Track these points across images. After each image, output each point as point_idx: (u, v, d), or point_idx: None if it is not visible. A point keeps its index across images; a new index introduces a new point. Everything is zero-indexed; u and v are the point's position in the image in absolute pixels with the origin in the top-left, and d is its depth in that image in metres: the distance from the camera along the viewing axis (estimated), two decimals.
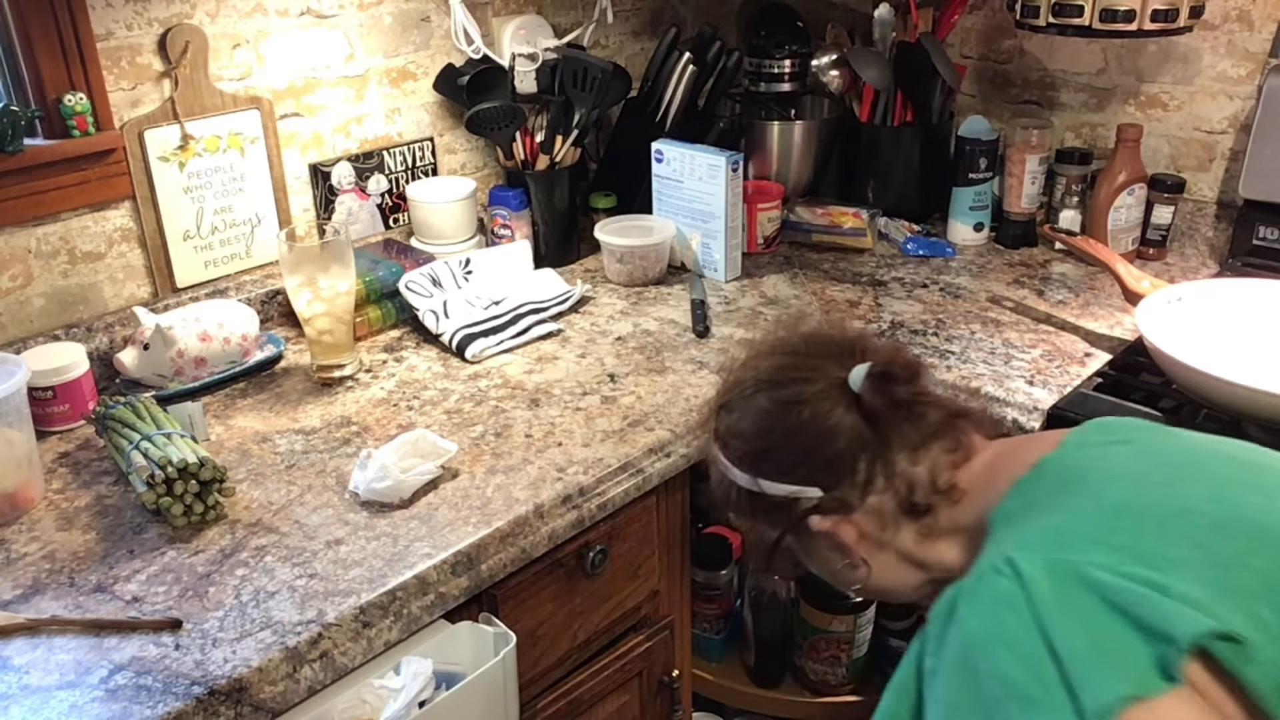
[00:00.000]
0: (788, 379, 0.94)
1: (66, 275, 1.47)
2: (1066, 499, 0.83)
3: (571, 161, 1.83)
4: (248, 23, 1.57)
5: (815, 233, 1.95)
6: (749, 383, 0.96)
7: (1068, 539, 0.78)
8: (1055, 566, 0.75)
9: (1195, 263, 1.84)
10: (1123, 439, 0.89)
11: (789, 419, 0.92)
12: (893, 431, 0.91)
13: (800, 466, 0.93)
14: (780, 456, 0.93)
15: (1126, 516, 0.79)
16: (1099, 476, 0.84)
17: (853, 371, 0.92)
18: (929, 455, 0.91)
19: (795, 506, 0.94)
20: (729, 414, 0.97)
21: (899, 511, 0.92)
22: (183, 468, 1.13)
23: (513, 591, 1.19)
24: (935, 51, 1.87)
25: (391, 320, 1.63)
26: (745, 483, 0.95)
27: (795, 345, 0.98)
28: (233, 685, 0.95)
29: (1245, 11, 1.76)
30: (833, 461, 0.91)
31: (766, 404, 0.94)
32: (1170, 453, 0.87)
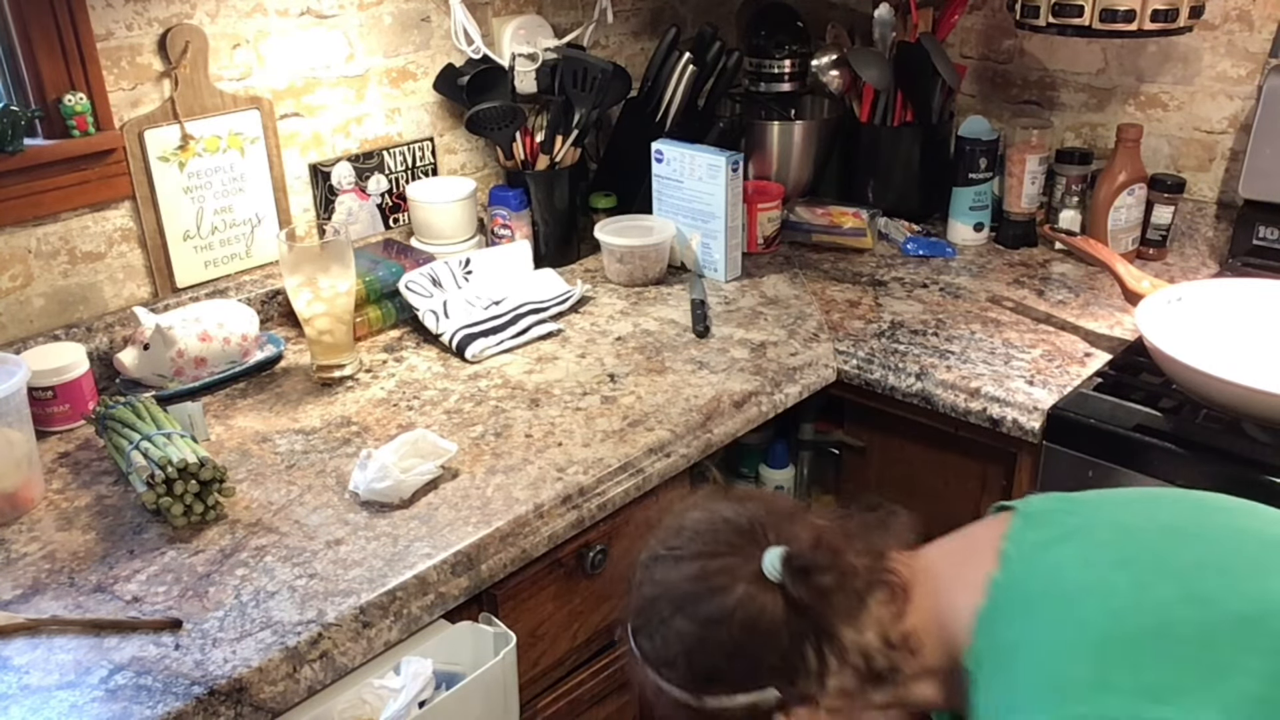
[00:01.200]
0: (701, 592, 0.85)
1: (66, 275, 1.47)
2: (1043, 633, 0.79)
3: (571, 161, 1.83)
4: (248, 23, 1.57)
5: (815, 233, 1.95)
6: (661, 603, 0.87)
7: (1068, 688, 0.75)
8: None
9: (1195, 263, 1.84)
10: (1059, 535, 0.85)
11: (719, 636, 0.84)
12: (828, 611, 0.84)
13: (747, 679, 0.85)
14: (724, 675, 0.85)
15: (1115, 646, 0.76)
16: (1063, 598, 0.80)
17: (765, 561, 0.84)
18: (871, 617, 0.85)
19: (756, 710, 0.86)
20: (649, 640, 0.88)
21: (863, 685, 0.86)
22: (183, 468, 1.13)
23: (513, 591, 1.19)
24: (935, 51, 1.87)
25: (391, 320, 1.63)
26: (694, 703, 0.87)
27: (694, 547, 0.88)
28: (233, 685, 0.95)
29: (1245, 11, 1.76)
30: (780, 664, 0.84)
31: (690, 627, 0.85)
32: (1114, 546, 0.84)
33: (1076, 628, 0.77)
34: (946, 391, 1.46)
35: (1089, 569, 0.81)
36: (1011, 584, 0.82)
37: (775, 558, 0.84)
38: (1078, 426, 1.36)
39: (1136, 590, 0.78)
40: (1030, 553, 0.84)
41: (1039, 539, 0.84)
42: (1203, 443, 1.30)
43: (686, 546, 0.88)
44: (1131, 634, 0.76)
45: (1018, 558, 0.83)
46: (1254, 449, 1.27)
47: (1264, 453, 1.26)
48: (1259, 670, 0.72)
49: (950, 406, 1.45)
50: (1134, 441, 1.32)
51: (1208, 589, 0.78)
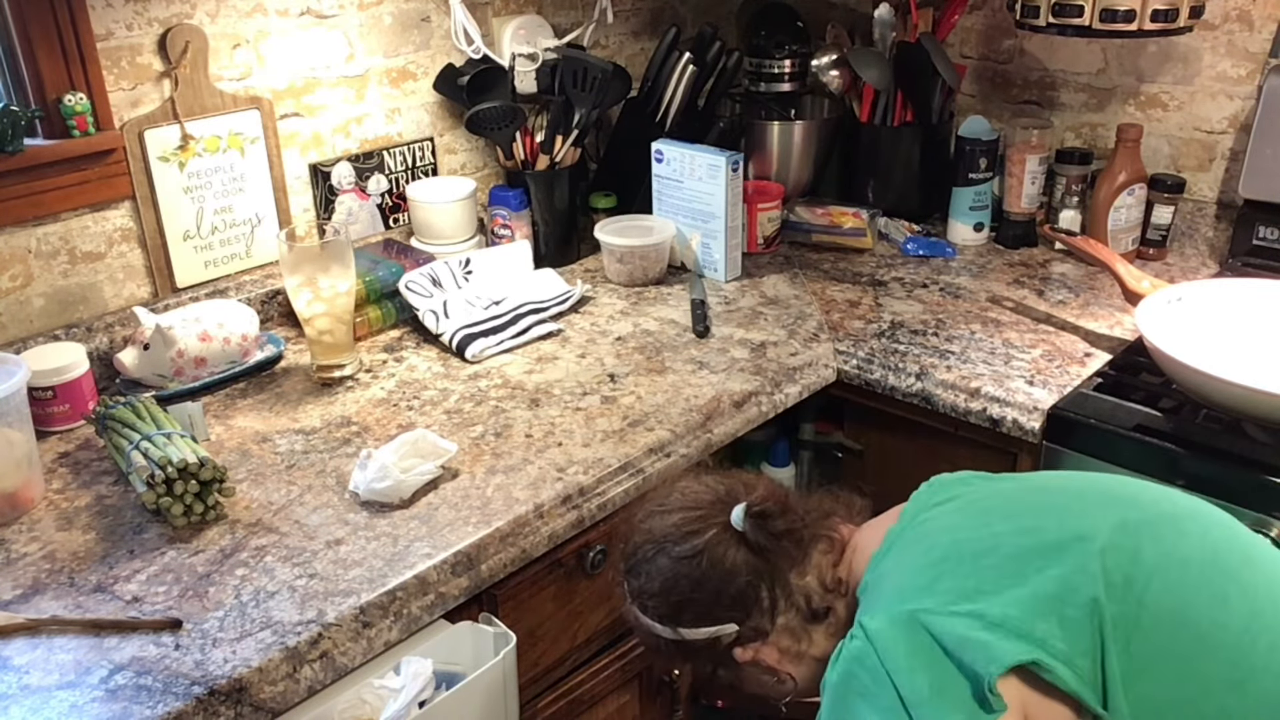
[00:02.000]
0: (680, 535, 1.02)
1: (66, 275, 1.47)
2: (904, 559, 0.95)
3: (571, 161, 1.83)
4: (248, 23, 1.57)
5: (815, 233, 1.95)
6: (647, 546, 1.04)
7: (904, 592, 0.91)
8: (894, 619, 0.87)
9: (1195, 263, 1.84)
10: (948, 497, 1.00)
11: (692, 571, 1.00)
12: (779, 556, 1.01)
13: (712, 609, 1.01)
14: (693, 606, 1.01)
15: (948, 563, 0.91)
16: (927, 535, 0.96)
17: (733, 513, 1.01)
18: (812, 563, 1.03)
19: (718, 644, 1.03)
20: (636, 578, 1.04)
21: (805, 622, 1.02)
22: (183, 468, 1.13)
23: (513, 591, 1.19)
24: (935, 51, 1.87)
25: (391, 320, 1.63)
26: (668, 635, 1.03)
27: (676, 502, 1.06)
28: (233, 685, 0.95)
29: (1245, 11, 1.76)
30: (738, 598, 1.00)
31: (668, 563, 1.01)
32: (986, 499, 1.00)
33: (924, 552, 0.94)
34: (946, 391, 1.46)
35: (954, 516, 0.98)
36: (899, 532, 0.98)
37: (740, 510, 1.01)
38: (1078, 426, 1.36)
39: (980, 526, 0.95)
40: (921, 509, 1.00)
41: (932, 500, 1.01)
42: (1203, 443, 1.30)
43: (672, 503, 1.06)
44: (963, 554, 0.92)
45: (911, 513, 1.00)
46: (1254, 449, 1.27)
47: (1264, 453, 1.26)
48: (1056, 577, 0.86)
49: (950, 406, 1.45)
50: (1134, 441, 1.32)
51: (1038, 524, 0.92)
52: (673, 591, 1.02)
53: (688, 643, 1.03)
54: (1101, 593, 0.84)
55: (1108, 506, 0.94)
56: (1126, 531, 0.90)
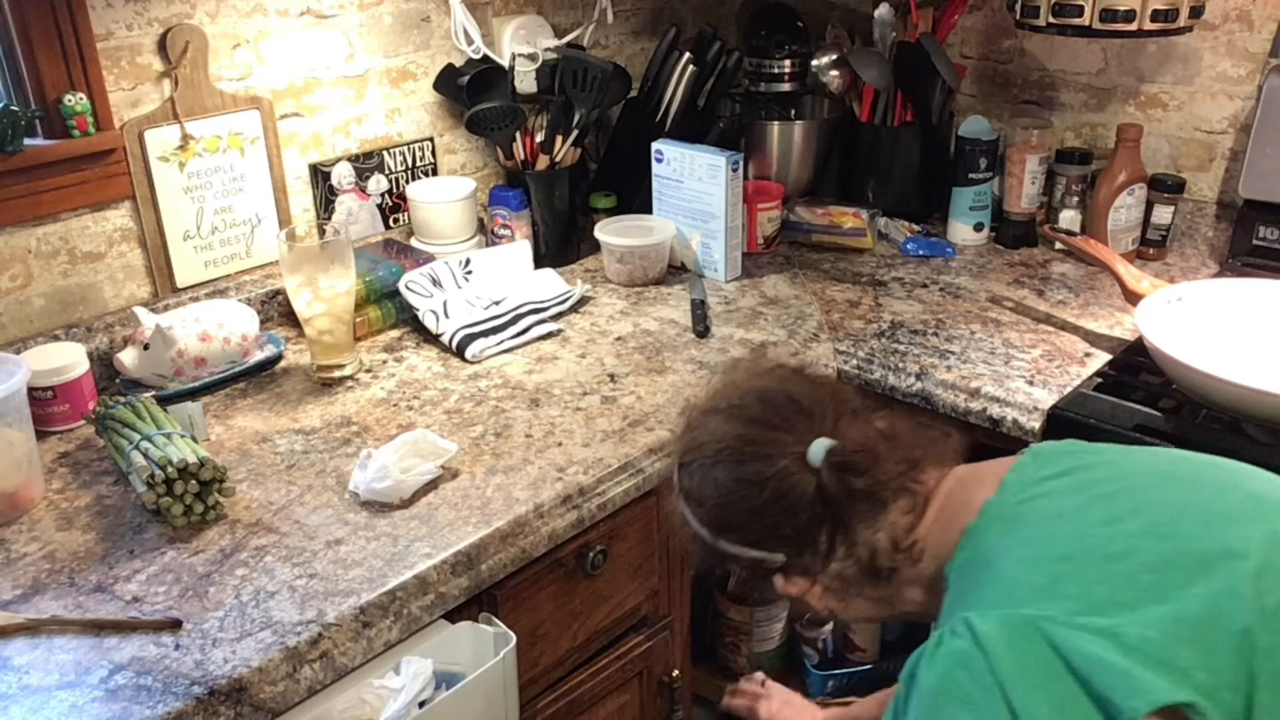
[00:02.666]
0: (747, 454, 0.93)
1: (66, 275, 1.47)
2: (1014, 547, 0.84)
3: (571, 161, 1.83)
4: (248, 23, 1.57)
5: (815, 233, 1.95)
6: (709, 449, 0.95)
7: (1020, 592, 0.80)
8: (1010, 623, 0.77)
9: (1195, 263, 1.84)
10: (1060, 471, 0.90)
11: (750, 497, 0.92)
12: (852, 509, 0.92)
13: (762, 538, 0.94)
14: (742, 528, 0.94)
15: (1073, 562, 0.81)
16: (1040, 518, 0.86)
17: (812, 448, 0.91)
18: (888, 519, 0.92)
19: (759, 566, 0.96)
20: (690, 477, 0.97)
21: (862, 575, 0.94)
22: (183, 468, 1.13)
23: (513, 591, 1.19)
24: (935, 51, 1.87)
25: (391, 320, 1.63)
26: (709, 540, 0.97)
27: (754, 411, 0.96)
28: (233, 685, 0.95)
29: (1245, 11, 1.76)
30: (794, 535, 0.93)
31: (727, 479, 0.93)
32: (1107, 482, 0.88)
33: (1043, 543, 0.83)
34: (946, 391, 1.46)
35: (1072, 497, 0.87)
36: (1001, 506, 0.88)
37: (821, 448, 0.90)
38: (1078, 426, 1.35)
39: (1108, 521, 0.83)
40: (1027, 483, 0.89)
41: (1039, 473, 0.90)
42: (1203, 443, 1.29)
43: (749, 408, 0.95)
44: (1090, 554, 0.81)
45: (1015, 485, 0.89)
46: (1254, 449, 1.27)
47: (1264, 453, 1.26)
48: (1202, 597, 0.76)
49: (950, 406, 1.45)
50: (1134, 441, 1.32)
51: (1178, 529, 0.82)
52: (725, 507, 0.94)
53: (725, 553, 0.97)
54: (1255, 621, 0.75)
55: (1256, 514, 0.83)
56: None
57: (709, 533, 0.96)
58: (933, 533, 0.92)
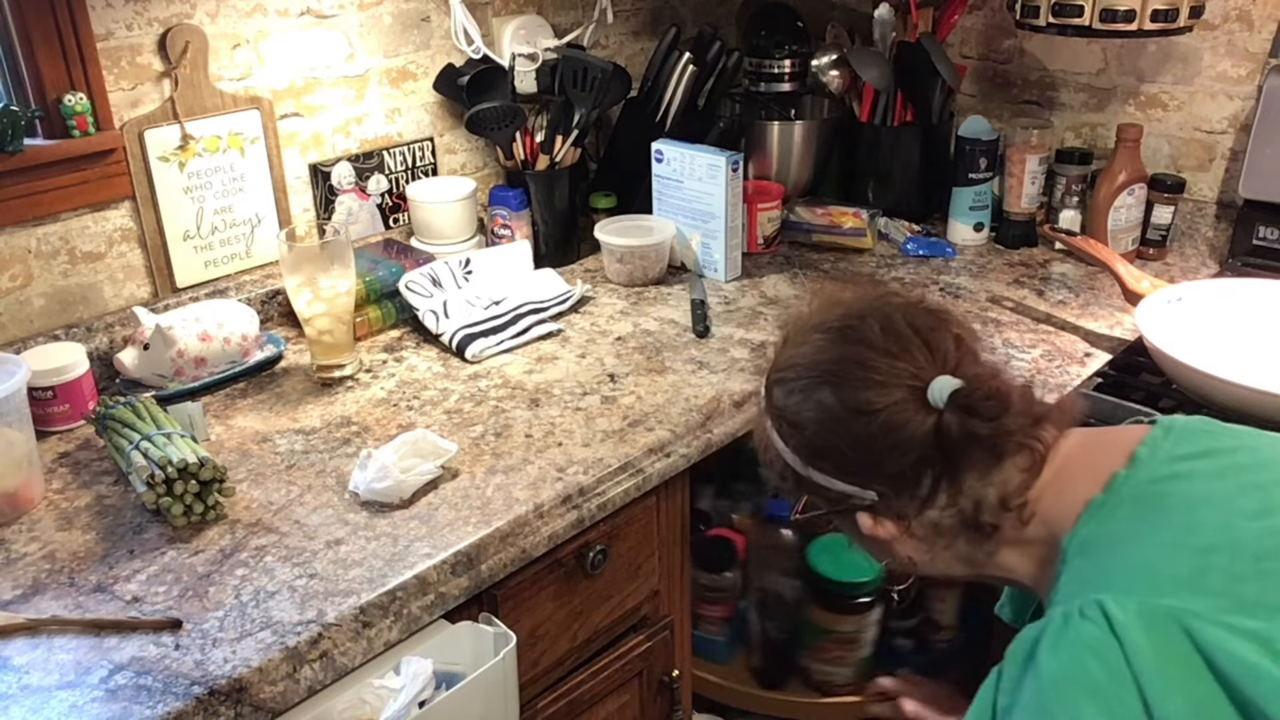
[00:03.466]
0: (860, 378, 0.85)
1: (66, 275, 1.47)
2: (1151, 530, 0.78)
3: (571, 161, 1.83)
4: (248, 23, 1.57)
5: (815, 233, 1.95)
6: (816, 368, 0.87)
7: (1160, 581, 0.74)
8: (1150, 613, 0.71)
9: (1195, 263, 1.84)
10: (1199, 451, 0.83)
11: (856, 426, 0.85)
12: (967, 456, 0.85)
13: (860, 472, 0.87)
14: (840, 458, 0.87)
15: (1220, 555, 0.75)
16: (1182, 503, 0.79)
17: (935, 384, 0.84)
18: (1001, 475, 0.86)
19: (846, 500, 0.89)
20: (787, 395, 0.89)
21: (960, 527, 0.87)
22: (183, 468, 1.13)
23: (513, 591, 1.19)
24: (935, 51, 1.87)
25: (391, 320, 1.63)
26: (796, 467, 0.90)
27: (871, 335, 0.87)
28: (233, 685, 0.95)
29: (1245, 11, 1.76)
30: (895, 475, 0.86)
31: (833, 402, 0.86)
32: (1254, 469, 0.82)
33: (1186, 530, 0.77)
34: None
35: (1217, 483, 0.80)
36: (1134, 483, 0.81)
37: (946, 386, 0.83)
38: None
39: (1259, 513, 0.77)
40: (1163, 461, 0.82)
41: (1176, 451, 0.83)
42: None
43: (865, 331, 0.87)
44: (1240, 548, 0.74)
45: (1148, 461, 0.83)
46: None
47: None
48: None
49: None
50: None
51: None
52: (825, 434, 0.87)
53: (812, 482, 0.90)
54: None
55: None
56: None
57: (801, 459, 0.89)
58: (1046, 496, 0.86)
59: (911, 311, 0.90)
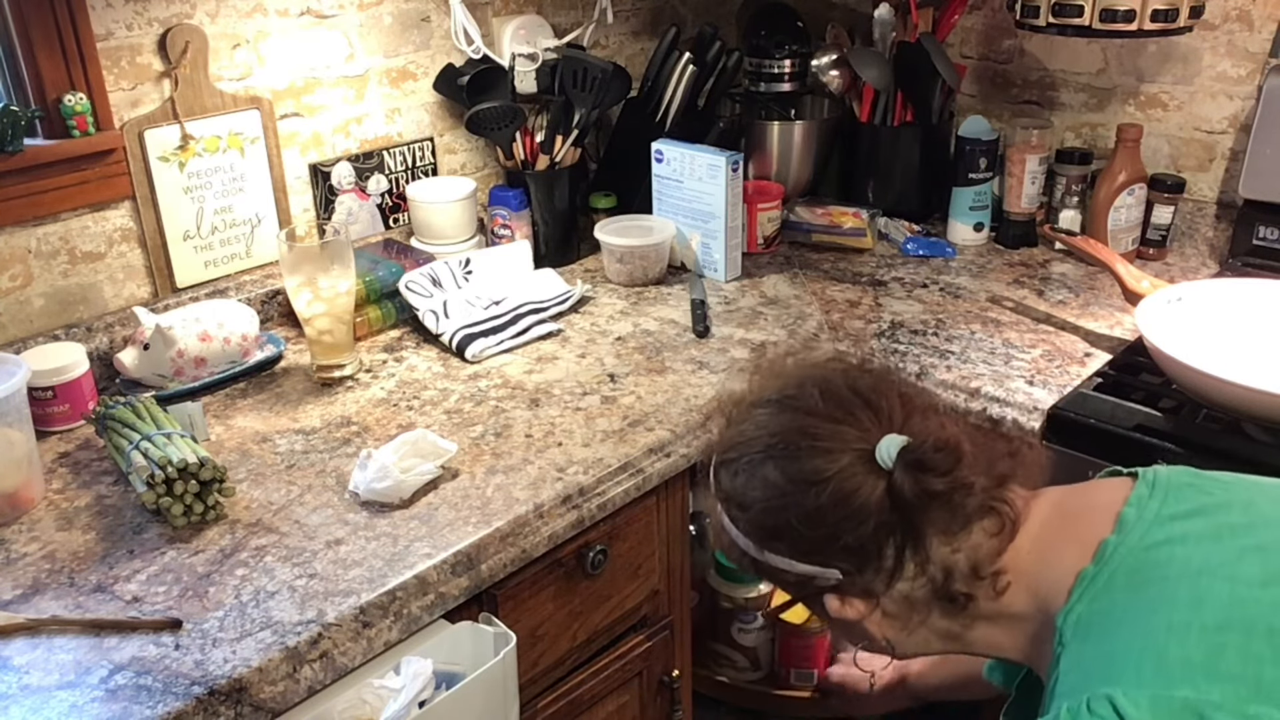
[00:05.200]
0: (804, 448, 0.81)
1: (66, 275, 1.47)
2: (1153, 608, 0.73)
3: (571, 161, 1.83)
4: (248, 23, 1.57)
5: (815, 233, 1.95)
6: (757, 444, 0.83)
7: (1172, 668, 0.69)
8: (1167, 708, 0.67)
9: (1195, 263, 1.84)
10: (1190, 510, 0.78)
11: (806, 500, 0.80)
12: (927, 519, 0.80)
13: (817, 550, 0.82)
14: (794, 538, 0.82)
15: (1233, 634, 0.70)
16: (1181, 572, 0.74)
17: (882, 444, 0.79)
18: (969, 540, 0.81)
19: (810, 583, 0.84)
20: (732, 476, 0.85)
21: (932, 599, 0.82)
22: (183, 468, 1.13)
23: (513, 591, 1.19)
24: (935, 51, 1.87)
25: (391, 320, 1.63)
26: (752, 552, 0.85)
27: (812, 402, 0.83)
28: (233, 685, 0.95)
29: (1245, 11, 1.76)
30: (855, 548, 0.80)
31: (778, 478, 0.81)
32: (1250, 530, 0.77)
33: (1192, 608, 0.72)
34: (946, 391, 1.46)
35: (1214, 547, 0.75)
36: (1126, 551, 0.77)
37: (893, 445, 0.79)
38: (1078, 426, 1.35)
39: (1266, 581, 0.72)
40: (1152, 523, 0.78)
41: (1165, 511, 0.78)
42: (1203, 443, 1.30)
43: (805, 399, 0.83)
44: (1253, 625, 0.70)
45: (1137, 524, 0.78)
46: (1254, 449, 1.27)
47: (1264, 453, 1.26)
48: None
49: (950, 406, 1.45)
50: (1134, 441, 1.32)
51: None
52: (775, 513, 0.82)
53: (770, 567, 0.85)
54: None
55: None
56: None
57: (754, 543, 0.84)
58: (1026, 565, 0.81)
59: (852, 375, 0.87)
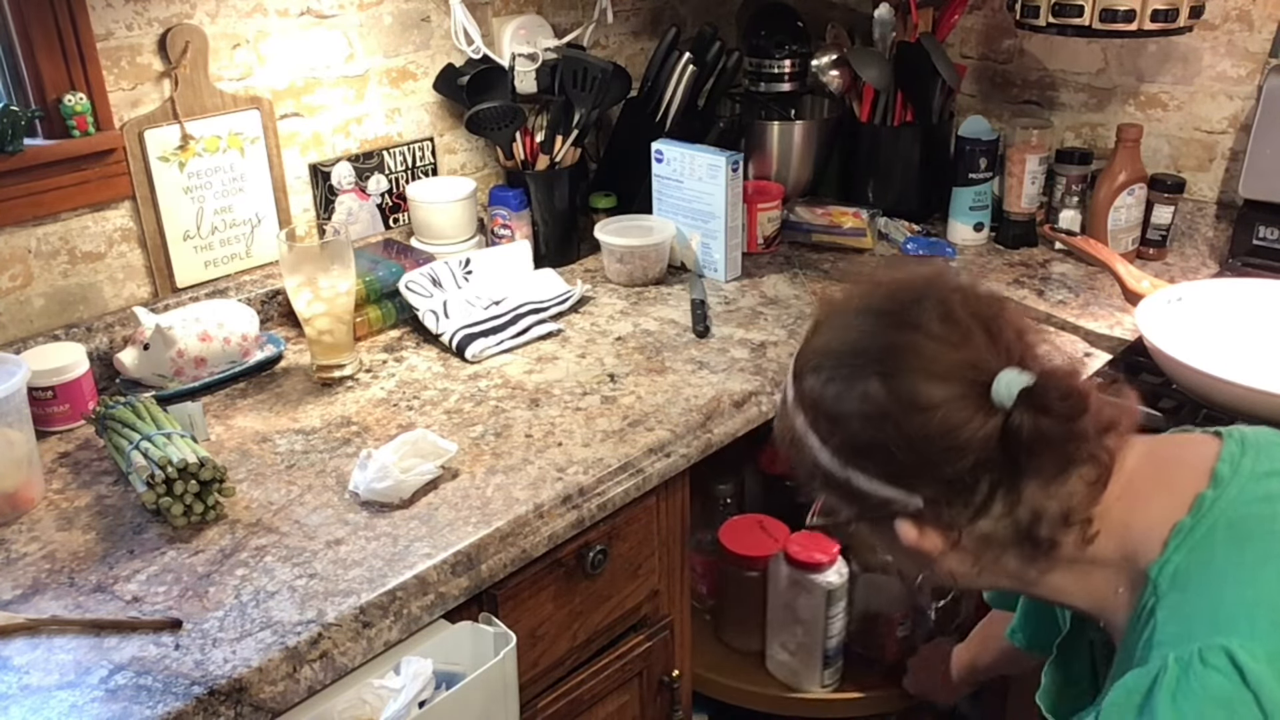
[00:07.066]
0: (914, 368, 0.75)
1: (66, 275, 1.47)
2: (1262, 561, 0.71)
3: (571, 161, 1.83)
4: (248, 23, 1.57)
5: (815, 233, 1.95)
6: (861, 355, 0.78)
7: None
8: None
9: (1195, 263, 1.84)
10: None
11: (908, 424, 0.75)
12: (1032, 464, 0.76)
13: (908, 475, 0.78)
14: (886, 459, 0.77)
15: None
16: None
17: (1000, 379, 0.74)
18: (1066, 487, 0.77)
19: (887, 507, 0.80)
20: (824, 383, 0.79)
21: (1013, 541, 0.79)
22: (183, 468, 1.13)
23: (513, 591, 1.19)
24: (935, 51, 1.87)
25: (391, 320, 1.63)
26: (832, 469, 0.80)
27: (925, 321, 0.77)
28: (233, 685, 0.95)
29: (1245, 11, 1.76)
30: (950, 480, 0.77)
31: (881, 395, 0.76)
32: None
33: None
34: None
35: None
36: (1226, 504, 0.75)
37: (1015, 383, 0.74)
38: None
39: None
40: (1249, 479, 0.76)
41: (1259, 468, 0.77)
42: None
43: (920, 318, 0.77)
44: None
45: (1234, 480, 0.76)
46: None
47: None
48: None
49: None
50: None
51: None
52: (871, 431, 0.77)
53: (849, 486, 0.80)
54: None
55: None
56: None
57: (839, 460, 0.79)
58: (1116, 514, 0.78)
59: (970, 298, 0.80)
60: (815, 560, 1.52)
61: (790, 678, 1.63)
